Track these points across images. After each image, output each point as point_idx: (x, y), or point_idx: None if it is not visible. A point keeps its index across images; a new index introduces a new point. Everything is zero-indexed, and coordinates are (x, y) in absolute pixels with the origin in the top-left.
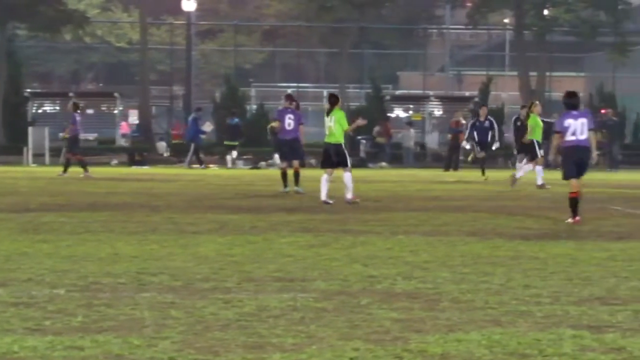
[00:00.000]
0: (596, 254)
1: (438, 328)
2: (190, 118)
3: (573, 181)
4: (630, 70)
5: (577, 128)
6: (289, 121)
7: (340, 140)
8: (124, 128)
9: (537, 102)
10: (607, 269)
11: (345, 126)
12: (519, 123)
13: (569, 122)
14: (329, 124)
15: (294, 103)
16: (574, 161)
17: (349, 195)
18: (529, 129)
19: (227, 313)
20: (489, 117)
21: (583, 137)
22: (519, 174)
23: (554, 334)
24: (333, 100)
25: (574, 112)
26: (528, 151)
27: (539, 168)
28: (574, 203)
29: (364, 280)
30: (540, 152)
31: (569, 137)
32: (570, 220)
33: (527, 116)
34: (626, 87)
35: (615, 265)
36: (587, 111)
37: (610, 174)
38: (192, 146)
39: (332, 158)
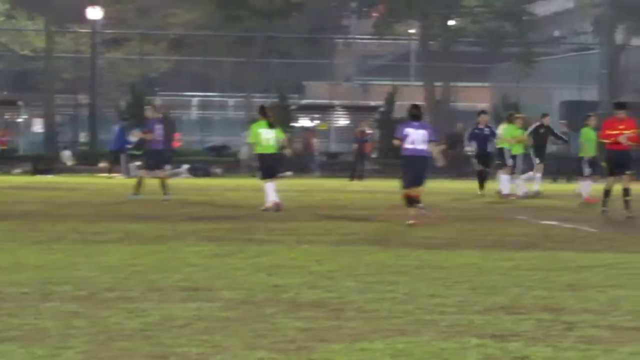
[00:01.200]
0: (501, 263)
1: (343, 337)
2: (117, 127)
3: (409, 190)
4: (534, 81)
5: (417, 138)
6: (159, 131)
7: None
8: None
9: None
10: (511, 278)
11: (282, 137)
12: (542, 130)
13: (408, 131)
14: (268, 136)
15: (162, 113)
16: (412, 170)
17: (272, 203)
18: (511, 138)
19: (132, 323)
20: (488, 124)
21: (421, 147)
22: (535, 187)
23: (458, 343)
24: (267, 112)
25: (415, 123)
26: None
27: (505, 177)
28: (411, 202)
29: (269, 289)
30: (509, 161)
31: (408, 146)
32: (410, 221)
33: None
34: (530, 97)
35: (519, 274)
36: (427, 124)
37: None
38: (123, 156)
39: (273, 168)
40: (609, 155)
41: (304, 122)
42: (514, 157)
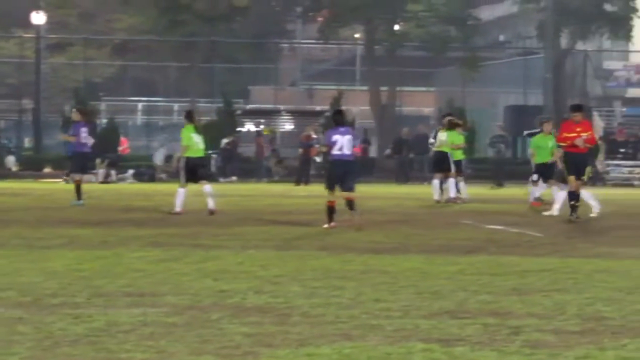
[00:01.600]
0: (446, 267)
1: (289, 342)
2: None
3: (334, 193)
4: (479, 85)
5: (344, 144)
6: (84, 135)
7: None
8: None
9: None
10: (456, 282)
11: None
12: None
13: (336, 137)
14: (197, 140)
15: (86, 117)
16: (338, 174)
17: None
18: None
19: (77, 328)
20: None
21: (348, 152)
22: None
23: (404, 347)
24: (194, 116)
25: (341, 129)
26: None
27: (452, 181)
28: (331, 211)
29: (214, 294)
30: (453, 167)
31: (336, 152)
32: (326, 225)
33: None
34: (476, 101)
35: (464, 278)
36: (351, 129)
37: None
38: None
39: (197, 173)
40: (567, 159)
41: (249, 126)
42: (456, 162)
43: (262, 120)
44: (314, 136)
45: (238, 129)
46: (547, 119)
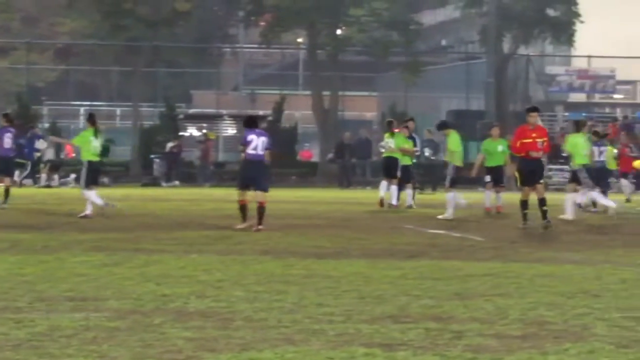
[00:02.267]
0: (389, 272)
1: (231, 347)
2: (27, 136)
3: (245, 192)
4: (422, 90)
5: (259, 144)
6: (7, 140)
7: None
8: None
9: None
10: (399, 287)
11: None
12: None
13: (251, 137)
14: (96, 144)
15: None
16: (250, 173)
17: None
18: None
19: (19, 333)
20: (413, 134)
21: (262, 152)
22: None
23: (346, 352)
24: (96, 120)
25: (257, 130)
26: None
27: (393, 187)
28: (243, 210)
29: (157, 299)
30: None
31: (250, 151)
32: (240, 225)
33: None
34: (418, 106)
35: (407, 283)
36: (265, 132)
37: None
38: (29, 164)
39: (96, 176)
40: (521, 166)
41: (192, 131)
42: (405, 167)
43: (205, 125)
44: None
45: (180, 133)
46: (495, 124)
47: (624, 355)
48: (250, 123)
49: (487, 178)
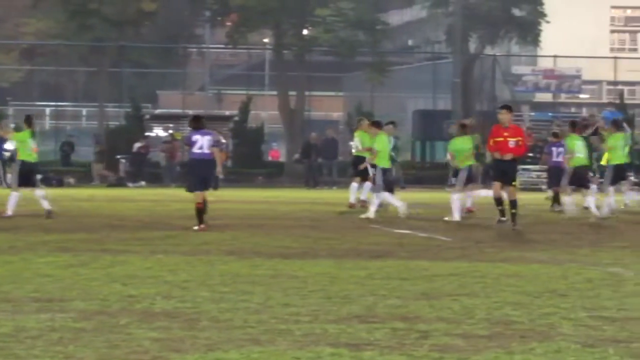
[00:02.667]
0: (355, 272)
1: (197, 347)
2: None
3: (198, 193)
4: (388, 90)
5: (204, 143)
6: None
7: None
8: None
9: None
10: (365, 287)
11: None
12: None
13: (196, 137)
14: (32, 145)
15: None
16: (199, 175)
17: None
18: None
19: None
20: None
21: (207, 151)
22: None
23: (312, 352)
24: (33, 122)
25: (202, 130)
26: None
27: (367, 184)
28: (200, 212)
29: (123, 299)
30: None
31: (196, 150)
32: (196, 227)
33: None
34: (384, 106)
35: (373, 283)
36: (211, 131)
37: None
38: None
39: (29, 177)
40: (494, 165)
41: (157, 131)
42: (373, 166)
43: (171, 125)
44: (223, 141)
45: (146, 133)
46: (470, 122)
47: (590, 355)
48: (195, 123)
49: (453, 180)
